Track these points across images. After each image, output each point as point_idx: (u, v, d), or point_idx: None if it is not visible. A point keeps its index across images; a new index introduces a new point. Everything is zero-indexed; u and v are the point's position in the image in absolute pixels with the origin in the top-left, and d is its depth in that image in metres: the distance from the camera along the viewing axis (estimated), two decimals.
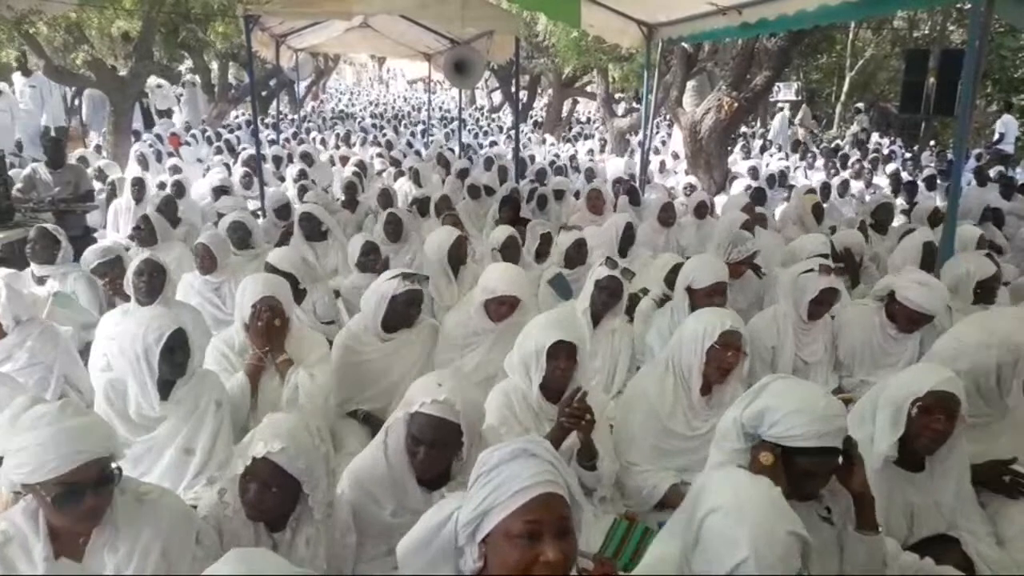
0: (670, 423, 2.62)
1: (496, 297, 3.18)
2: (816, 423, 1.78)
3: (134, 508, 1.73)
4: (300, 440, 1.86)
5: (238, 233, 4.73)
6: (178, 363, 2.45)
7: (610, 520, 2.42)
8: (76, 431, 1.63)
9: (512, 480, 1.34)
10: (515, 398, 2.50)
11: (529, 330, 2.50)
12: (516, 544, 1.32)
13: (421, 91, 30.95)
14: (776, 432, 1.82)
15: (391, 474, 2.07)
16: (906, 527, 2.18)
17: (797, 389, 1.89)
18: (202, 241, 4.13)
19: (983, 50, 4.06)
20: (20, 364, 3.00)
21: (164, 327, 2.40)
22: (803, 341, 3.39)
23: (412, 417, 2.00)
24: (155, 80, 15.07)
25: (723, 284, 3.26)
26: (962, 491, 2.20)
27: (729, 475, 1.54)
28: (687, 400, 2.62)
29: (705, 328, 2.55)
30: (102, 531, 1.70)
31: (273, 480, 1.83)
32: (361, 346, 3.17)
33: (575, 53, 11.61)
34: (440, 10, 6.75)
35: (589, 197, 6.38)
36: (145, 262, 3.39)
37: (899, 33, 19.62)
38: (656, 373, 2.72)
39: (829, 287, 3.26)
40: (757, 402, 1.89)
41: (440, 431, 1.96)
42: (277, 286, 2.93)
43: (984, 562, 2.09)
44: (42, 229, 4.19)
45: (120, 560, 1.69)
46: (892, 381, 2.21)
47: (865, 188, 10.18)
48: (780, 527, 1.39)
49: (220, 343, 2.98)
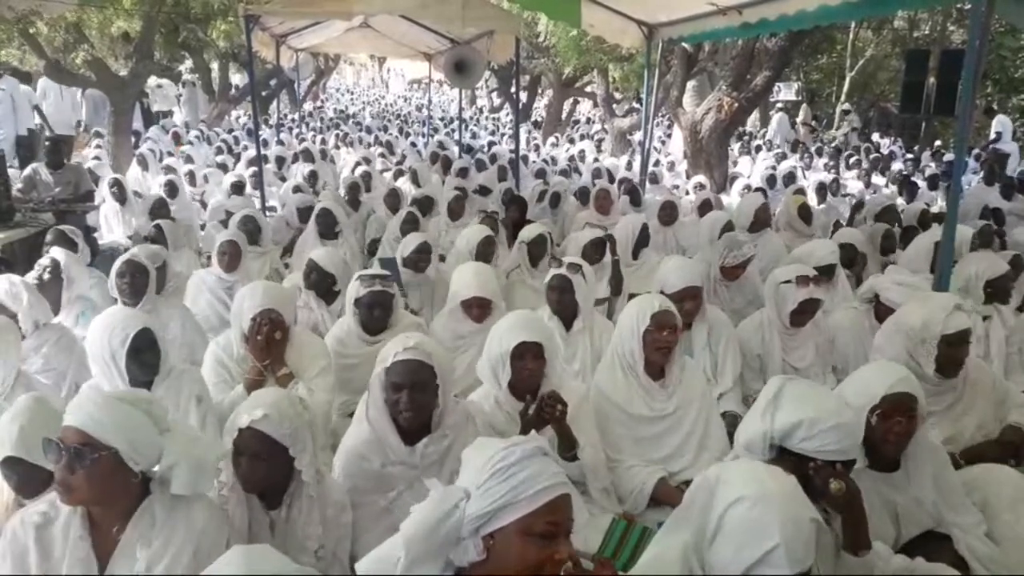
0: (630, 408, 2.66)
1: (465, 300, 3.25)
2: (847, 439, 1.83)
3: (171, 505, 1.73)
4: (282, 407, 1.91)
5: (248, 227, 4.76)
6: (148, 363, 2.44)
7: (608, 520, 2.41)
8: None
9: (534, 479, 1.36)
10: (487, 405, 2.49)
11: (494, 333, 2.50)
12: (533, 542, 1.35)
13: (421, 91, 30.96)
14: (809, 446, 1.83)
15: (374, 433, 2.15)
16: (893, 528, 2.18)
17: (821, 398, 1.92)
18: (231, 238, 4.11)
19: (983, 50, 4.05)
20: (34, 368, 3.00)
21: (128, 328, 2.40)
22: (790, 346, 3.37)
23: (388, 370, 2.10)
24: (155, 80, 15.07)
25: (694, 288, 3.19)
26: (943, 483, 2.20)
27: (746, 467, 1.57)
28: (637, 383, 2.68)
29: (637, 313, 2.64)
30: (138, 524, 1.70)
31: (261, 448, 1.87)
32: (347, 350, 3.17)
33: (575, 53, 11.60)
34: (440, 10, 6.75)
35: (597, 197, 6.31)
36: (127, 263, 3.37)
37: (899, 33, 19.61)
38: (605, 366, 2.78)
39: (808, 298, 3.23)
40: (784, 413, 1.88)
41: (416, 373, 2.07)
42: (278, 297, 2.87)
43: (976, 558, 2.09)
44: (60, 232, 4.20)
45: (152, 555, 1.69)
46: (846, 389, 2.19)
47: (865, 188, 10.19)
48: (804, 514, 1.43)
49: (219, 350, 2.93)
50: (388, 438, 2.14)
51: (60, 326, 3.27)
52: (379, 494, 2.16)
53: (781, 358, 3.34)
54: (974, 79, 3.94)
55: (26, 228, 5.30)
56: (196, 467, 1.72)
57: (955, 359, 2.63)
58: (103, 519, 1.71)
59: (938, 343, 2.59)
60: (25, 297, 3.01)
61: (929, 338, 2.60)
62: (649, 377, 2.68)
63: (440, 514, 1.39)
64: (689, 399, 2.70)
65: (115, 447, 1.63)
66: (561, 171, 10.26)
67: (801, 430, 1.83)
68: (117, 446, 1.63)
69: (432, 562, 1.40)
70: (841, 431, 1.81)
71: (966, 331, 2.61)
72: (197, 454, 1.74)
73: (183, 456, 1.70)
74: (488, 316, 3.30)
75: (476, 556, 1.38)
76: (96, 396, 1.72)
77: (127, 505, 1.71)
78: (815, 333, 3.43)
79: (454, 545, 1.40)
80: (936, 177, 10.17)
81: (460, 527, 1.39)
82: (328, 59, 22.25)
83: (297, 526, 1.95)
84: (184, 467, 1.70)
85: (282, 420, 1.89)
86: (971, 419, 2.73)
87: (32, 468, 2.06)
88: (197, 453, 1.75)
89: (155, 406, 1.77)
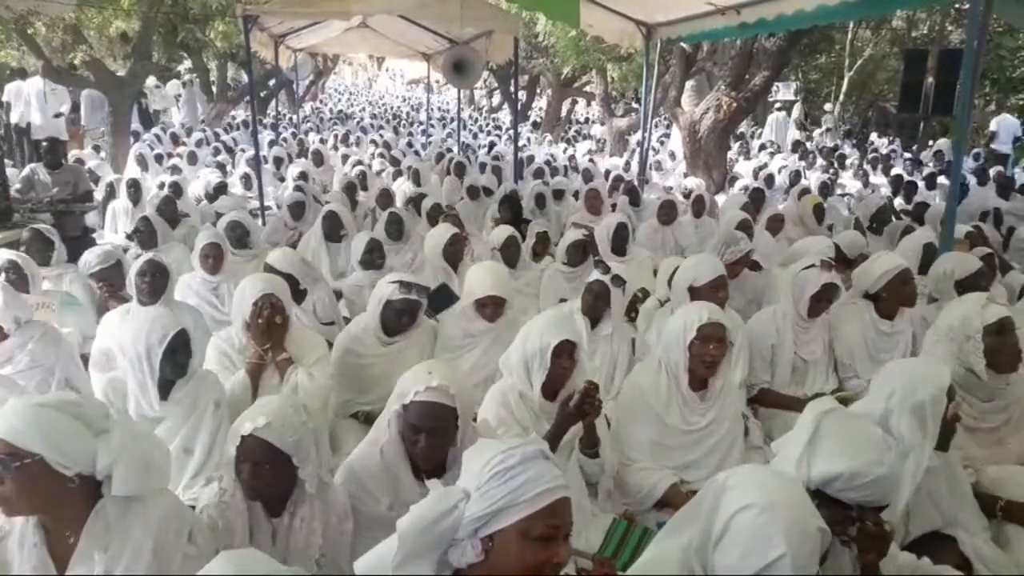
0: (667, 418, 2.63)
1: (478, 299, 3.25)
2: (886, 488, 1.72)
3: (124, 506, 1.71)
4: (285, 415, 1.90)
5: (236, 232, 4.72)
6: (180, 364, 2.45)
7: (609, 519, 2.42)
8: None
9: (535, 481, 1.36)
10: (512, 398, 2.49)
11: (530, 330, 2.49)
12: (533, 545, 1.35)
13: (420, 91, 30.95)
14: (849, 496, 1.72)
15: (386, 467, 2.08)
16: (903, 525, 2.18)
17: (861, 443, 1.75)
18: (214, 240, 4.11)
19: (981, 50, 4.06)
20: (21, 367, 2.98)
21: (167, 328, 2.40)
22: (802, 340, 3.40)
23: (407, 408, 2.02)
24: (153, 80, 15.06)
25: (724, 278, 3.30)
26: (956, 490, 2.19)
27: (754, 473, 1.55)
28: (680, 396, 2.64)
29: (684, 324, 2.58)
30: (92, 528, 1.67)
31: (264, 456, 1.86)
32: (362, 348, 3.17)
33: (574, 53, 11.62)
34: (439, 10, 6.75)
35: (587, 197, 6.40)
36: (148, 263, 3.39)
37: (898, 33, 19.62)
38: (650, 369, 2.75)
39: (830, 282, 3.28)
40: (821, 460, 1.74)
41: (438, 417, 1.99)
42: (277, 284, 2.94)
43: (981, 561, 2.09)
44: (36, 231, 4.18)
45: (110, 559, 1.67)
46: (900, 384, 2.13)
47: (863, 188, 10.19)
48: (812, 524, 1.42)
49: (221, 342, 2.98)
50: (401, 476, 2.08)
51: (42, 321, 3.24)
52: (382, 533, 2.07)
53: (792, 350, 3.37)
54: (972, 79, 3.95)
55: (25, 229, 5.28)
56: (137, 466, 1.67)
57: (1005, 349, 2.56)
58: (55, 527, 1.68)
59: (982, 336, 2.56)
60: (1, 296, 2.96)
61: (972, 332, 2.57)
62: (691, 389, 2.63)
63: (437, 512, 1.39)
64: (723, 416, 2.68)
65: (39, 453, 1.59)
66: (560, 171, 10.25)
67: (840, 482, 1.72)
68: (40, 452, 1.59)
69: (425, 559, 1.40)
70: (882, 484, 1.70)
71: (1007, 319, 2.57)
72: (138, 452, 1.69)
73: (120, 456, 1.65)
74: (501, 315, 3.31)
75: (475, 557, 1.38)
76: (18, 404, 1.66)
77: (77, 511, 1.67)
78: (823, 329, 3.46)
79: (449, 545, 1.40)
80: (934, 176, 10.17)
81: (457, 527, 1.39)
82: (327, 59, 22.24)
83: (299, 534, 1.94)
84: (122, 467, 1.64)
85: (285, 428, 1.87)
86: (1016, 439, 2.66)
87: None
88: (138, 451, 1.69)
89: (86, 408, 1.71)
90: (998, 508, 2.34)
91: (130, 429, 1.75)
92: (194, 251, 4.20)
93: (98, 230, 6.68)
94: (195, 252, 4.16)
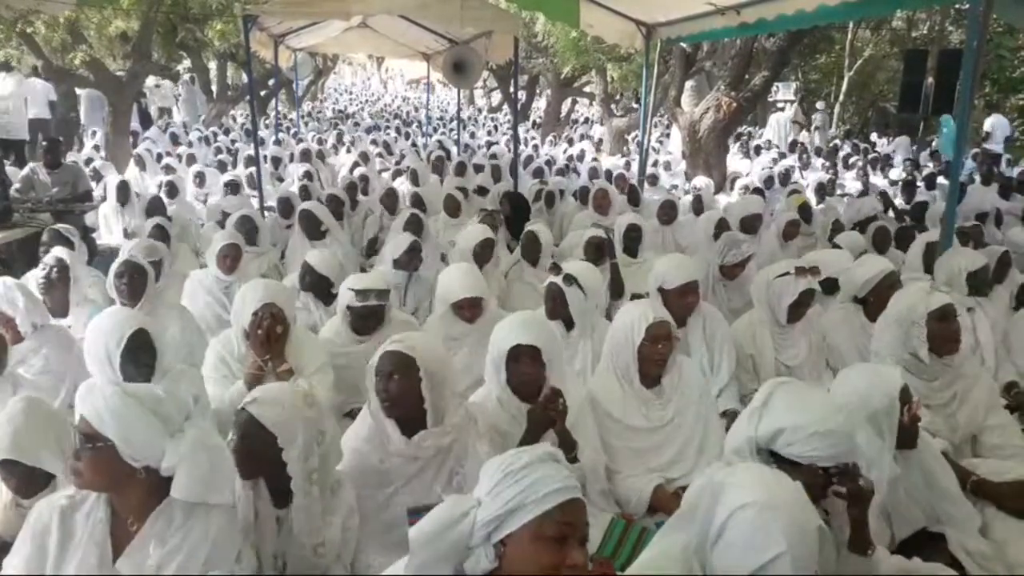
0: (627, 420, 2.61)
1: (456, 302, 3.24)
2: (836, 445, 1.76)
3: (190, 509, 1.72)
4: (277, 396, 1.91)
5: (245, 227, 4.73)
6: (143, 364, 2.43)
7: (607, 519, 2.41)
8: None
9: (545, 481, 1.36)
10: (490, 404, 2.48)
11: (495, 332, 2.48)
12: (546, 546, 1.35)
13: (420, 91, 30.96)
14: (795, 452, 1.78)
15: (374, 425, 2.19)
16: (888, 528, 2.18)
17: (809, 402, 1.83)
18: (232, 241, 4.08)
19: (981, 50, 4.06)
20: (35, 370, 2.98)
21: (124, 328, 2.40)
22: (782, 345, 3.35)
23: (376, 362, 2.16)
24: (153, 80, 15.06)
25: (694, 283, 3.22)
26: (935, 483, 2.20)
27: (753, 472, 1.55)
28: (635, 396, 2.63)
29: (631, 326, 2.58)
30: (155, 521, 1.70)
31: (247, 431, 1.88)
32: (339, 348, 3.17)
33: (574, 53, 11.63)
34: (439, 10, 6.74)
35: (596, 197, 6.30)
36: (125, 264, 3.35)
37: (898, 33, 19.64)
38: (600, 375, 2.74)
39: (808, 288, 3.24)
40: (769, 418, 1.84)
41: (395, 361, 2.11)
42: (278, 292, 2.89)
43: (970, 555, 2.09)
44: (55, 231, 4.16)
45: (165, 554, 1.68)
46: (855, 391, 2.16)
47: (863, 188, 10.18)
48: (811, 522, 1.43)
49: (220, 348, 2.94)
50: (386, 429, 2.15)
51: (58, 326, 3.24)
52: (377, 489, 2.18)
53: (773, 357, 3.33)
54: (972, 79, 3.95)
55: (24, 228, 5.28)
56: (199, 473, 1.68)
57: (947, 335, 2.66)
58: (121, 509, 1.73)
59: (926, 321, 2.64)
60: (21, 300, 2.98)
61: (917, 318, 2.66)
62: (644, 387, 2.63)
63: (449, 520, 1.39)
64: (686, 404, 2.66)
65: (112, 440, 1.64)
66: (559, 171, 10.25)
67: (784, 436, 1.79)
68: (113, 440, 1.64)
69: (439, 569, 1.39)
70: (827, 438, 1.75)
71: (949, 305, 2.67)
72: (204, 460, 1.70)
73: (185, 460, 1.68)
74: (480, 315, 3.28)
75: (489, 564, 1.38)
76: (107, 389, 1.72)
77: (143, 500, 1.71)
78: (807, 330, 3.41)
79: (462, 554, 1.40)
80: (933, 176, 10.17)
81: (469, 535, 1.38)
82: (327, 59, 22.24)
83: (301, 524, 1.94)
84: (184, 471, 1.67)
85: (272, 405, 1.87)
86: (963, 413, 2.74)
87: (29, 470, 2.05)
88: (204, 459, 1.70)
89: (167, 405, 1.74)
90: (968, 483, 2.38)
91: (204, 437, 1.76)
92: (210, 249, 4.17)
93: (98, 230, 6.68)
94: (210, 251, 4.13)
